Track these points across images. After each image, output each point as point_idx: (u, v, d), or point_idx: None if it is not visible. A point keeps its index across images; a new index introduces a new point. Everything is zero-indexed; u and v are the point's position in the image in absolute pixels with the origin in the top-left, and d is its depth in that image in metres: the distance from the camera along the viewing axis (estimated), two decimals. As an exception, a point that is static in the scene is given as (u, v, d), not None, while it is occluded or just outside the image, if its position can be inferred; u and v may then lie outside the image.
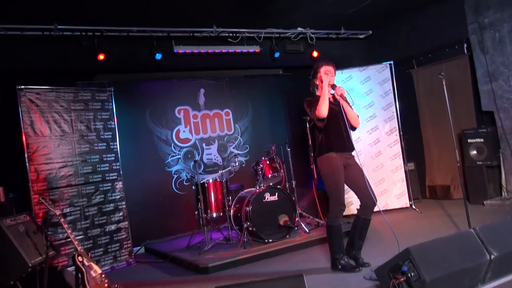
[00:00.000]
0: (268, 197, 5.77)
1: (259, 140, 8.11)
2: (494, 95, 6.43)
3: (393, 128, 7.09)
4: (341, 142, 4.23)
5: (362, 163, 6.88)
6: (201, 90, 7.75)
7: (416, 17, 7.48)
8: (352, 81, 7.12)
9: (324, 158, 4.23)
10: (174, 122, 7.48)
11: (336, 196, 4.19)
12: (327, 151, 4.23)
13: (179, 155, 7.44)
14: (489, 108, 6.53)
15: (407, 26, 7.68)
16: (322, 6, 6.46)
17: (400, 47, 7.81)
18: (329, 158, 4.20)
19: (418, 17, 7.46)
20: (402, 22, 7.71)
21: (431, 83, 7.38)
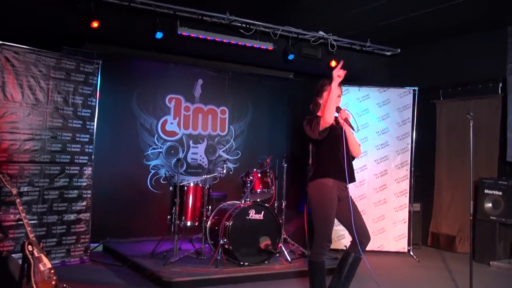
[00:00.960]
0: (252, 214, 5.77)
1: (253, 148, 8.13)
2: (522, 146, 6.50)
3: (405, 162, 7.13)
4: (338, 170, 4.22)
5: (363, 194, 7.06)
6: (199, 80, 7.76)
7: (451, 43, 7.55)
8: (368, 101, 7.15)
9: (318, 184, 4.22)
10: (162, 111, 7.47)
11: (323, 230, 4.20)
12: (321, 176, 4.22)
13: (162, 149, 7.43)
14: (514, 159, 6.60)
15: (439, 51, 7.75)
16: (351, 13, 6.50)
17: (427, 73, 7.88)
18: (323, 186, 4.19)
19: (453, 43, 7.54)
20: (435, 46, 7.78)
21: (456, 119, 7.44)
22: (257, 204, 5.89)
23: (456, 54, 7.51)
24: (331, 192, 4.16)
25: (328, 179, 4.20)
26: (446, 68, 7.65)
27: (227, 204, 6.23)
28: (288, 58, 7.24)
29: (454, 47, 7.54)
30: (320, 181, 4.20)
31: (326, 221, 4.16)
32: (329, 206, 4.16)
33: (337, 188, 4.20)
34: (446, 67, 7.65)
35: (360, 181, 7.01)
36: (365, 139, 7.03)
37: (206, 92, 7.80)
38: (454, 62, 7.53)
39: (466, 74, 7.37)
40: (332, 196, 4.17)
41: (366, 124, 7.05)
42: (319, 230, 4.20)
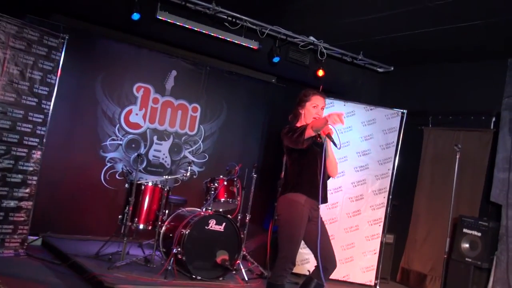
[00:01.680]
0: (212, 225, 5.79)
1: (223, 153, 8.15)
2: (508, 187, 6.66)
3: (383, 188, 7.24)
4: (312, 186, 4.27)
5: (335, 218, 7.14)
6: (172, 71, 7.76)
7: (447, 67, 7.71)
8: (352, 119, 7.25)
9: (289, 201, 4.26)
10: (128, 99, 7.44)
11: (288, 251, 4.23)
12: (293, 190, 4.26)
13: (122, 141, 7.39)
14: (498, 200, 6.76)
15: (434, 75, 7.90)
16: (345, 22, 6.59)
17: (419, 96, 8.00)
18: (294, 203, 4.22)
19: (449, 68, 7.69)
20: (430, 68, 7.92)
21: (443, 150, 7.57)
22: (219, 214, 5.91)
23: (451, 80, 7.66)
24: (302, 210, 4.20)
25: (300, 195, 4.24)
26: (438, 94, 7.79)
27: (186, 210, 6.24)
28: (273, 60, 7.29)
29: (450, 72, 7.69)
30: (291, 197, 4.23)
31: (293, 241, 4.20)
32: (298, 225, 4.19)
33: (309, 206, 4.24)
34: (439, 92, 7.79)
35: (333, 203, 7.09)
36: (344, 159, 7.12)
37: (179, 85, 7.81)
38: (448, 88, 7.68)
39: (459, 103, 7.50)
40: (303, 214, 4.21)
41: (348, 143, 7.15)
42: (284, 251, 4.23)
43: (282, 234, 4.25)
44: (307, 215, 4.24)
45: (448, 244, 5.33)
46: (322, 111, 4.41)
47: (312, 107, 4.39)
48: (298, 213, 4.20)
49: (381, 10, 5.98)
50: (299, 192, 4.26)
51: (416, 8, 5.68)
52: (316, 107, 4.39)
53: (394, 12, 5.94)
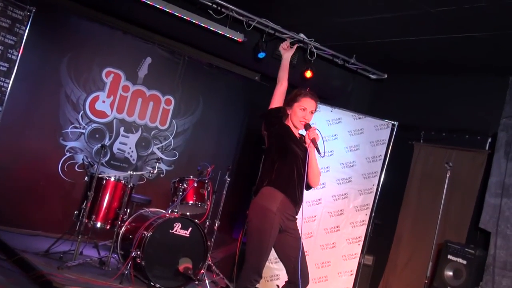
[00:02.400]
0: (177, 229, 5.82)
1: (195, 151, 8.19)
2: (499, 214, 6.80)
3: (366, 205, 7.35)
4: (290, 186, 4.34)
5: (311, 233, 7.22)
6: (147, 58, 7.78)
7: (446, 81, 7.82)
8: (339, 126, 7.35)
9: (260, 207, 4.27)
10: (95, 85, 7.44)
11: (255, 261, 4.26)
12: (271, 184, 4.30)
13: (85, 129, 7.38)
14: (488, 227, 6.89)
15: (429, 87, 7.99)
16: (339, 21, 6.67)
17: (412, 108, 8.08)
18: (266, 210, 4.23)
19: (448, 82, 7.80)
20: (426, 79, 8.03)
21: (433, 168, 7.67)
22: (186, 218, 5.94)
23: (447, 94, 7.77)
24: (273, 219, 4.22)
25: (276, 192, 4.27)
26: (433, 108, 7.88)
27: (149, 211, 6.26)
28: (258, 55, 7.34)
29: (447, 85, 7.80)
30: (264, 203, 4.26)
31: (261, 251, 4.24)
32: (268, 232, 4.22)
33: (281, 214, 4.26)
34: (434, 106, 7.89)
35: (311, 216, 7.17)
36: (327, 169, 7.20)
37: (153, 73, 7.83)
38: (443, 102, 7.77)
39: (454, 120, 7.60)
40: (273, 223, 4.23)
41: (331, 152, 7.23)
42: (250, 260, 4.28)
43: (250, 242, 4.30)
44: (277, 224, 4.26)
45: (430, 270, 5.43)
46: (310, 115, 4.48)
47: (299, 109, 4.46)
48: (268, 221, 4.23)
49: (379, 11, 6.06)
50: (274, 187, 4.28)
51: (417, 13, 5.76)
52: (304, 111, 4.45)
53: (393, 15, 6.03)
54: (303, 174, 4.38)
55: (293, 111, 4.48)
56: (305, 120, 4.44)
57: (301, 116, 4.45)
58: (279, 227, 4.28)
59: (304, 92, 4.54)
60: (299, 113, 4.45)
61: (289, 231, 4.35)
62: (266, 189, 4.31)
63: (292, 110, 4.48)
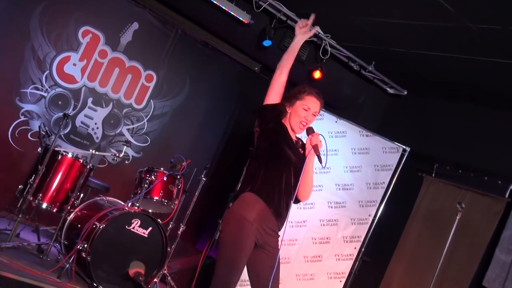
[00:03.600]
0: (136, 226, 5.83)
1: (171, 140, 8.23)
2: (507, 274, 6.86)
3: (357, 237, 7.41)
4: (275, 198, 4.35)
5: (289, 258, 7.25)
6: (134, 23, 7.81)
7: (474, 110, 7.86)
8: (342, 141, 7.40)
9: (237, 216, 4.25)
10: (68, 43, 7.46)
11: (226, 278, 4.23)
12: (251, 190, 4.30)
13: (47, 93, 7.38)
14: (492, 286, 6.95)
15: (455, 115, 8.04)
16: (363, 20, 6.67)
17: (429, 136, 8.14)
18: (243, 220, 4.21)
19: (476, 111, 7.84)
20: (453, 105, 8.09)
21: (442, 207, 7.67)
22: (147, 215, 5.95)
23: (472, 126, 7.80)
24: (250, 230, 4.21)
25: (255, 198, 4.26)
26: (453, 138, 7.92)
27: (106, 200, 6.28)
28: (263, 43, 7.37)
29: (473, 115, 7.85)
30: (239, 212, 4.25)
31: (232, 266, 4.21)
32: (242, 247, 4.21)
33: (259, 225, 4.24)
34: (454, 136, 7.92)
35: (291, 239, 7.20)
36: (319, 188, 7.26)
37: (137, 42, 7.86)
38: (466, 134, 7.81)
39: (474, 156, 7.62)
40: (249, 235, 4.22)
41: (328, 169, 7.28)
42: (220, 276, 4.24)
43: (221, 255, 4.28)
44: (253, 236, 4.24)
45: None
46: (313, 117, 4.47)
47: (302, 108, 4.44)
48: (243, 232, 4.21)
49: (411, 16, 6.09)
50: (256, 194, 4.28)
51: (453, 26, 5.79)
52: (307, 111, 4.44)
53: (426, 23, 6.07)
54: (293, 184, 4.39)
55: (294, 110, 4.47)
56: (306, 122, 4.44)
57: (303, 116, 4.44)
58: (255, 240, 4.26)
59: (309, 89, 4.54)
60: (301, 113, 4.44)
61: (267, 247, 4.33)
62: (246, 195, 4.30)
63: (293, 109, 4.47)
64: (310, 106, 4.46)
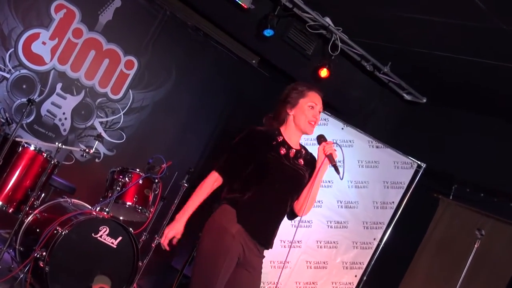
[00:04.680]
0: (103, 235, 5.81)
1: (150, 138, 8.22)
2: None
3: (358, 264, 7.41)
4: (263, 221, 4.34)
5: (280, 283, 7.21)
6: (116, 0, 7.80)
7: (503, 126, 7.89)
8: (348, 151, 7.33)
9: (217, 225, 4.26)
10: (38, 19, 7.46)
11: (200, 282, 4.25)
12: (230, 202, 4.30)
13: (10, 74, 7.37)
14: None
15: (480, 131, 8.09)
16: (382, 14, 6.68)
17: (448, 152, 8.19)
18: (223, 230, 4.22)
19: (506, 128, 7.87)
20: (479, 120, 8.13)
21: (459, 234, 7.70)
22: (118, 222, 5.94)
23: (499, 145, 7.84)
24: (231, 242, 4.20)
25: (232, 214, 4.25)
26: (476, 157, 7.94)
27: (71, 202, 6.26)
28: (264, 32, 7.36)
29: (502, 133, 7.89)
30: (221, 222, 4.25)
31: (209, 281, 4.20)
32: (221, 260, 4.19)
33: (242, 240, 4.24)
34: (477, 155, 7.95)
35: (282, 261, 7.15)
36: (318, 204, 7.26)
37: (118, 22, 7.87)
38: (491, 154, 7.84)
39: (499, 179, 7.66)
40: (231, 247, 4.20)
41: (329, 183, 7.32)
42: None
43: (197, 269, 4.27)
44: (236, 251, 4.24)
45: None
46: (319, 115, 4.49)
47: (308, 106, 4.43)
48: (224, 244, 4.21)
49: (433, 11, 6.09)
50: (233, 207, 4.26)
51: (482, 26, 5.82)
52: (314, 108, 4.43)
53: (450, 21, 6.09)
54: (288, 203, 4.41)
55: (300, 110, 4.43)
56: (316, 119, 4.42)
57: (311, 115, 4.42)
58: (237, 256, 4.26)
59: (307, 84, 4.53)
60: (308, 112, 4.41)
61: (248, 268, 4.33)
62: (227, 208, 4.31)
63: (297, 109, 4.44)
64: (316, 101, 4.45)
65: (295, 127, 4.47)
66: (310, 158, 4.54)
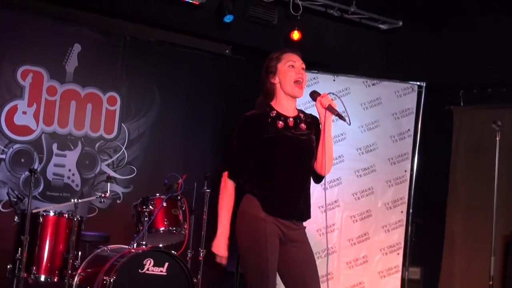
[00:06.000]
0: (150, 267, 5.81)
1: (158, 161, 8.22)
2: None
3: (399, 199, 7.41)
4: (286, 199, 4.28)
5: (331, 248, 7.23)
6: (75, 46, 7.79)
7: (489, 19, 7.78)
8: (347, 100, 7.23)
9: (245, 214, 4.25)
10: (10, 91, 7.46)
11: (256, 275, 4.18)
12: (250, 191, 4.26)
13: (4, 154, 7.38)
14: None
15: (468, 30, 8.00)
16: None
17: (443, 62, 8.16)
18: (253, 218, 4.18)
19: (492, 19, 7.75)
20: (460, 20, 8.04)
21: (482, 137, 7.66)
22: (159, 250, 5.96)
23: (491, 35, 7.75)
24: (265, 227, 4.16)
25: (258, 209, 4.22)
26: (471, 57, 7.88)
27: (109, 249, 6.24)
28: (224, 20, 7.35)
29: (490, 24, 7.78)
30: (247, 209, 4.24)
31: (264, 273, 4.15)
32: (263, 246, 4.16)
33: (274, 220, 4.19)
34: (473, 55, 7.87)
35: (329, 226, 7.22)
36: (340, 159, 7.29)
37: (85, 65, 7.84)
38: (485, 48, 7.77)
39: (503, 69, 7.59)
40: (267, 233, 4.16)
41: (342, 136, 7.34)
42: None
43: (246, 266, 4.25)
44: (274, 233, 4.20)
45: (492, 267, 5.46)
46: (303, 72, 4.44)
47: (288, 67, 4.34)
48: (260, 230, 4.18)
49: None
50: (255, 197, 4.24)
51: None
52: (294, 66, 4.34)
53: None
54: (306, 171, 4.37)
55: (282, 74, 4.34)
56: (301, 77, 4.34)
57: (294, 74, 4.32)
58: (277, 237, 4.22)
59: (282, 49, 4.45)
60: (290, 72, 4.33)
61: (293, 244, 4.28)
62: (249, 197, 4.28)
63: (280, 74, 4.36)
64: (293, 59, 4.37)
65: (284, 94, 4.39)
66: (311, 119, 4.48)
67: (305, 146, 4.37)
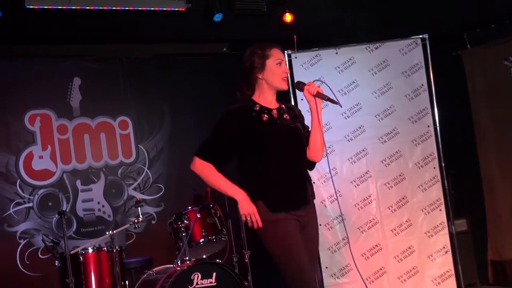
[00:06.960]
0: (199, 281, 5.82)
1: (182, 174, 8.14)
2: None
3: (429, 155, 7.34)
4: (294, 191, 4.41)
5: (373, 219, 7.19)
6: (74, 80, 7.78)
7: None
8: (354, 69, 7.34)
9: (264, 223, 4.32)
10: (22, 139, 7.46)
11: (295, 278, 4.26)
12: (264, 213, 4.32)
13: (31, 202, 7.39)
14: None
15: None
16: None
17: (440, 9, 8.04)
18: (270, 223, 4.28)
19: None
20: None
21: (497, 75, 7.60)
22: (203, 262, 5.97)
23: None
24: (286, 225, 4.28)
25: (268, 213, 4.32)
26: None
27: (154, 272, 6.25)
28: (214, 19, 7.35)
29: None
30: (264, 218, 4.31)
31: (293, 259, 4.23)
32: (294, 245, 4.26)
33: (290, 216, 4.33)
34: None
35: (364, 198, 7.21)
36: (361, 129, 7.27)
37: (89, 97, 7.83)
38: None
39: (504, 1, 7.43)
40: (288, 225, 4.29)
41: (358, 106, 7.30)
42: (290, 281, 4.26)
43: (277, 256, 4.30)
44: (295, 227, 4.32)
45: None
46: (284, 81, 4.50)
47: (275, 64, 4.43)
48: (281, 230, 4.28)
49: None
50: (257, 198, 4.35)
51: None
52: (281, 64, 4.46)
53: None
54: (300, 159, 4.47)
55: (270, 71, 4.42)
56: (287, 74, 4.48)
57: (282, 71, 4.44)
58: (297, 228, 4.33)
59: (266, 44, 4.50)
60: (277, 70, 4.43)
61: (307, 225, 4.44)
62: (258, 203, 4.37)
63: (267, 71, 4.43)
64: (280, 57, 4.49)
65: (268, 88, 4.48)
66: (292, 109, 4.62)
67: (293, 135, 4.47)
